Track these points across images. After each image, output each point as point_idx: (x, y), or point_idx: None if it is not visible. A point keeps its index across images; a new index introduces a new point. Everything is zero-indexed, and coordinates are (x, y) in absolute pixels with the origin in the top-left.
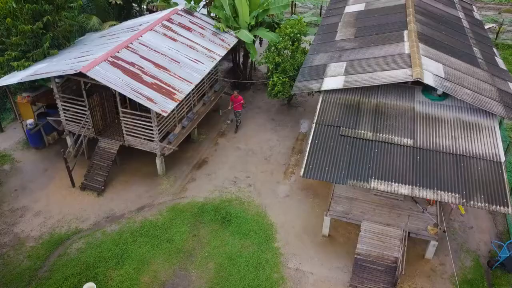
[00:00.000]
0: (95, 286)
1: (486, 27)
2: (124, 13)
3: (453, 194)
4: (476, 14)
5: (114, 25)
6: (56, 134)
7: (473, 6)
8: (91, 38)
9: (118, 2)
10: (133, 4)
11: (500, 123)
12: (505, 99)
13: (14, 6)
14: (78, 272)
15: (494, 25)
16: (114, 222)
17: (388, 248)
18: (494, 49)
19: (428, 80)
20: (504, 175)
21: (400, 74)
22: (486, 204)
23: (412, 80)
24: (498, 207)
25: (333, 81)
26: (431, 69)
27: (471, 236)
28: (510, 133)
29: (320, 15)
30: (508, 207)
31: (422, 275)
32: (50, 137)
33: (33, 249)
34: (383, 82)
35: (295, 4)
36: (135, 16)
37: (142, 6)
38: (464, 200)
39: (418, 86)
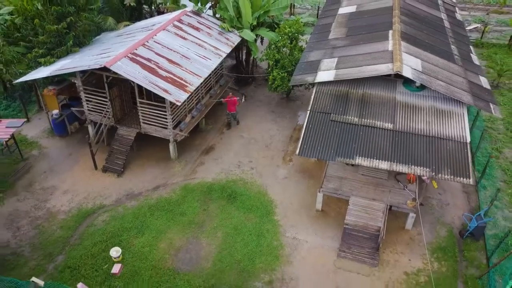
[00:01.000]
0: (120, 250)
1: (471, 27)
2: (135, 14)
3: (425, 168)
4: (458, 15)
5: (128, 25)
6: (78, 123)
7: (456, 7)
8: (107, 37)
9: (132, 4)
10: (144, 6)
11: (478, 114)
12: (474, 90)
13: (40, 8)
14: (104, 239)
15: (479, 25)
16: (133, 199)
17: (372, 219)
18: (471, 47)
19: (407, 73)
20: (469, 153)
21: (383, 68)
22: (452, 176)
23: (393, 73)
24: (462, 178)
25: (325, 74)
26: (410, 64)
27: (447, 211)
28: (488, 123)
29: (317, 16)
30: (470, 178)
31: (402, 242)
32: (73, 126)
33: (64, 221)
34: (368, 75)
35: (294, 5)
36: (145, 17)
37: (153, 7)
38: (434, 173)
39: (399, 79)
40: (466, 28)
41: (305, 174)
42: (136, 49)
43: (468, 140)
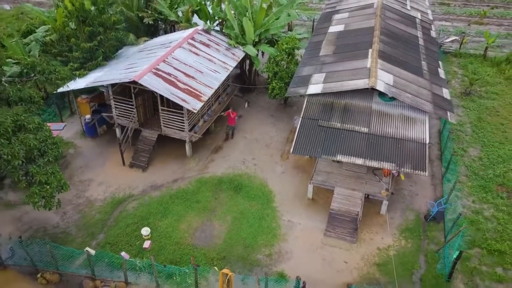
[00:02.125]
0: (149, 229)
1: (450, 39)
2: (151, 30)
3: (391, 163)
4: (433, 33)
5: (147, 40)
6: (105, 126)
7: (432, 25)
8: (130, 51)
9: (149, 22)
10: (160, 23)
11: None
12: (436, 101)
13: (73, 27)
14: (135, 222)
15: (457, 37)
16: (156, 189)
17: (352, 205)
18: (440, 62)
19: (380, 87)
20: (426, 152)
21: (361, 83)
22: (412, 170)
23: (369, 87)
24: (419, 171)
25: (315, 87)
26: (384, 79)
27: (416, 200)
28: (457, 126)
29: (312, 28)
30: (425, 171)
31: (377, 224)
32: (101, 129)
33: (101, 207)
34: (349, 89)
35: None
36: (160, 33)
37: (167, 25)
38: (398, 167)
39: (375, 91)
40: (445, 40)
41: (299, 169)
42: (158, 65)
43: (427, 141)
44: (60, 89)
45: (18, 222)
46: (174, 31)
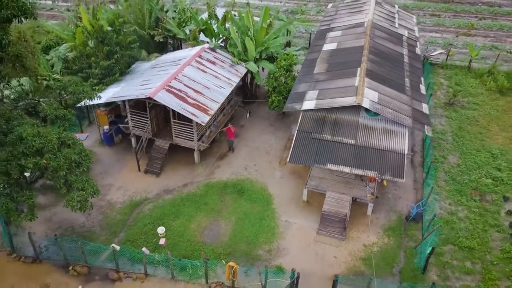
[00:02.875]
0: (164, 228)
1: (437, 52)
2: (161, 46)
3: (374, 171)
4: (418, 49)
5: (157, 56)
6: (121, 136)
7: (417, 42)
8: (142, 67)
9: (161, 40)
10: (169, 39)
11: None
12: (415, 115)
13: (93, 46)
14: (151, 222)
15: (443, 51)
16: (169, 193)
17: (342, 207)
18: (422, 78)
19: (365, 104)
20: (404, 161)
21: (349, 100)
22: (392, 177)
23: (356, 104)
24: (398, 178)
25: (309, 103)
26: (369, 96)
27: (399, 202)
28: (439, 135)
29: (309, 42)
30: (403, 178)
31: (363, 224)
32: (117, 138)
33: (121, 209)
34: (338, 105)
35: (289, 32)
36: (170, 49)
37: (176, 41)
38: (379, 175)
39: (362, 107)
40: (432, 54)
41: (295, 175)
42: (170, 82)
43: (406, 152)
44: (81, 103)
45: (49, 222)
46: (181, 45)
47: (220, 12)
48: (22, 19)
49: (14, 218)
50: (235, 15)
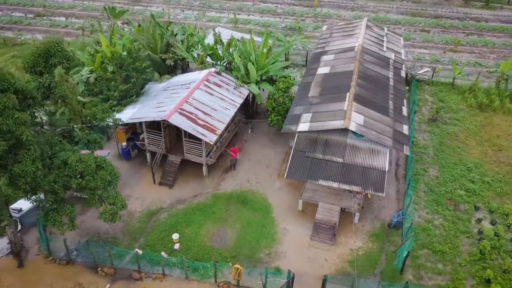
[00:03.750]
0: (178, 235)
1: (423, 71)
2: (170, 68)
3: (359, 186)
4: (403, 72)
5: (169, 78)
6: (137, 151)
7: (403, 65)
8: (155, 88)
9: (172, 63)
10: (178, 62)
11: (412, 143)
12: (396, 136)
13: (112, 71)
14: (166, 229)
15: (429, 68)
16: (181, 203)
17: (332, 216)
18: (404, 101)
19: (352, 127)
20: (385, 177)
21: (338, 123)
22: (374, 192)
23: (344, 127)
24: (378, 193)
25: (303, 125)
26: (356, 120)
27: (383, 211)
28: (422, 149)
29: (306, 59)
30: (383, 192)
31: (350, 231)
32: (134, 153)
33: (139, 217)
34: (329, 128)
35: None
36: (178, 70)
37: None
38: (363, 189)
39: (350, 129)
40: (418, 72)
41: (291, 186)
42: (182, 105)
43: (386, 169)
44: (103, 123)
45: (78, 229)
46: (188, 65)
47: (224, 33)
48: (67, 65)
49: (60, 229)
50: (238, 40)
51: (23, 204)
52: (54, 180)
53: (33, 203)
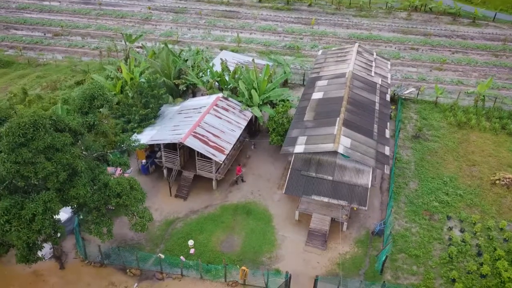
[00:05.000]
0: (193, 241)
1: (408, 91)
2: (181, 91)
3: (345, 201)
4: (388, 96)
5: (181, 101)
6: (154, 167)
7: (389, 89)
8: (170, 110)
9: (184, 89)
10: (189, 87)
11: (395, 159)
12: (378, 157)
13: (132, 96)
14: (183, 236)
15: (414, 89)
16: (194, 213)
17: (323, 225)
18: (388, 123)
19: (340, 150)
20: (367, 193)
21: (329, 146)
22: (357, 205)
23: (333, 150)
24: (362, 206)
25: (299, 147)
26: (344, 143)
27: (368, 220)
28: (404, 164)
29: (303, 79)
30: (366, 206)
31: (339, 237)
32: (152, 168)
33: (159, 226)
34: (321, 150)
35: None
36: (189, 94)
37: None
38: (349, 204)
39: (339, 151)
40: (404, 92)
41: (289, 199)
42: (195, 129)
43: (369, 186)
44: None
45: None
46: (196, 89)
47: (228, 56)
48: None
49: (101, 238)
50: (242, 67)
51: (61, 215)
52: (98, 199)
53: (75, 214)
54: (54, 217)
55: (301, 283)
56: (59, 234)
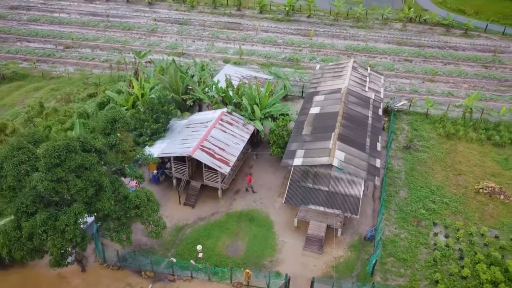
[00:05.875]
0: (201, 246)
1: (401, 103)
2: (188, 106)
3: (339, 210)
4: (380, 110)
5: (189, 115)
6: (164, 177)
7: (381, 103)
8: (178, 124)
9: (192, 104)
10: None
11: (387, 169)
12: (370, 169)
13: (145, 113)
14: (191, 241)
15: (406, 101)
16: (202, 220)
17: (320, 231)
18: (380, 137)
19: (335, 163)
20: (359, 203)
21: (324, 160)
22: (350, 214)
23: (328, 163)
24: (354, 215)
25: (298, 160)
26: (338, 156)
27: (361, 227)
28: (395, 174)
29: (302, 91)
30: (357, 215)
31: (334, 243)
32: (162, 178)
33: (170, 232)
34: (317, 163)
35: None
36: (196, 108)
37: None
38: (343, 213)
39: (334, 164)
40: (397, 105)
41: (289, 207)
42: (203, 143)
43: (361, 196)
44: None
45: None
46: (202, 103)
47: (231, 70)
48: (126, 128)
49: (121, 245)
50: (245, 83)
51: None
52: (119, 210)
53: (97, 223)
54: (82, 227)
55: (299, 284)
56: (85, 242)
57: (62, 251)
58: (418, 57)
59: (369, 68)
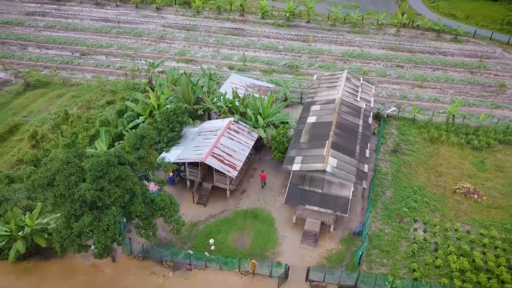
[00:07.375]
0: (213, 240)
1: (390, 110)
2: (198, 114)
3: (331, 210)
4: (370, 119)
5: (199, 123)
6: (179, 178)
7: (371, 112)
8: (191, 131)
9: (202, 113)
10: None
11: (376, 170)
12: (358, 174)
13: (161, 122)
14: (205, 236)
15: (395, 108)
16: (213, 217)
17: (315, 227)
18: (368, 144)
19: (328, 169)
20: (349, 204)
21: (319, 166)
22: (340, 213)
23: (322, 169)
24: (344, 214)
25: (296, 166)
26: (331, 163)
27: (351, 223)
28: (383, 175)
29: (301, 98)
30: (347, 213)
31: (327, 237)
32: (176, 179)
33: (186, 228)
34: (313, 169)
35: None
36: (205, 116)
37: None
38: (334, 212)
39: (327, 170)
40: (386, 111)
41: (288, 206)
42: (213, 150)
43: (350, 197)
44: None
45: None
46: (211, 111)
47: (237, 79)
48: (152, 142)
49: (148, 240)
50: (249, 95)
51: None
52: (147, 212)
53: (127, 222)
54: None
55: (297, 272)
56: (121, 238)
57: (104, 246)
58: (409, 63)
59: (361, 78)
